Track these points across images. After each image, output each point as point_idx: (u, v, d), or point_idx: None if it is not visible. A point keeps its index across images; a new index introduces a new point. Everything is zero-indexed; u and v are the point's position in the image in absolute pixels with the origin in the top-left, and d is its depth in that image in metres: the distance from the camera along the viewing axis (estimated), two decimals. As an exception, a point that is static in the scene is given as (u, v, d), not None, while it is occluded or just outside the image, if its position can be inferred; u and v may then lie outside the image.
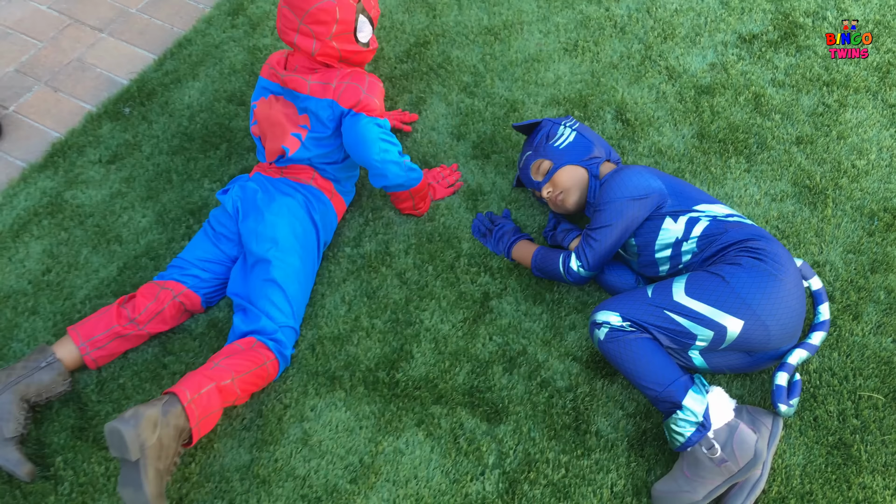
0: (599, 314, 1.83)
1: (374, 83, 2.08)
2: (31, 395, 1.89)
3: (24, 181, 2.43)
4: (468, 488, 1.86)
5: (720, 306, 1.76)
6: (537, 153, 2.13)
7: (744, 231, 1.88)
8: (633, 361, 1.78)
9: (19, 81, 2.71)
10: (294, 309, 2.00)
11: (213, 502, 1.85)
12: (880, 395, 1.95)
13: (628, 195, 1.92)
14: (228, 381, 1.79)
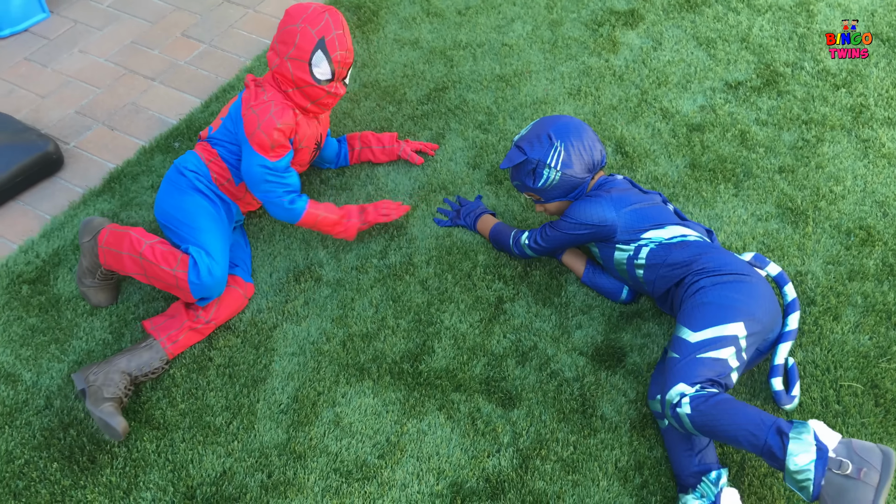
0: (672, 393, 1.83)
1: (273, 119, 2.20)
2: (133, 370, 2.14)
3: (83, 203, 2.70)
4: (485, 463, 2.05)
5: (720, 321, 1.92)
6: (525, 187, 2.30)
7: (687, 250, 2.10)
8: (730, 414, 1.75)
9: (79, 122, 3.02)
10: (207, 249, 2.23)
11: (254, 474, 2.04)
12: (859, 384, 2.15)
13: (583, 220, 2.20)
14: (135, 255, 2.18)
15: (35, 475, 2.05)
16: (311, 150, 2.43)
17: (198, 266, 2.16)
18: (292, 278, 2.46)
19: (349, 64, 2.29)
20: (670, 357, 1.93)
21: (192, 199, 2.27)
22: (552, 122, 2.27)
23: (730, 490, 1.86)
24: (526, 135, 2.29)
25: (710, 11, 3.33)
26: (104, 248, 2.24)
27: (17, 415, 2.17)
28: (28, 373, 2.26)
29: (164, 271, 2.17)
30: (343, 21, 2.27)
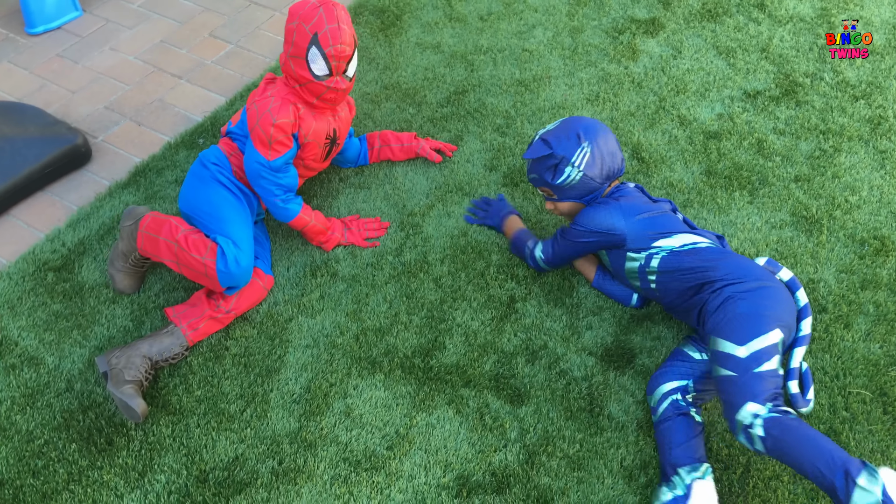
0: (744, 413, 1.82)
1: (270, 116, 2.24)
2: (154, 355, 2.20)
3: (109, 195, 2.78)
4: (492, 458, 2.08)
5: (762, 331, 1.91)
6: (542, 182, 2.31)
7: (699, 256, 2.11)
8: (802, 445, 1.74)
9: (108, 117, 3.10)
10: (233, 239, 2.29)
11: (265, 461, 2.09)
12: (868, 391, 2.16)
13: (592, 227, 2.21)
14: (172, 241, 2.24)
15: (54, 455, 2.11)
16: (320, 144, 2.44)
17: (226, 255, 2.22)
18: (309, 273, 2.51)
19: (345, 57, 2.27)
20: (723, 375, 1.91)
21: (215, 191, 2.33)
22: (582, 122, 2.27)
23: (702, 482, 1.88)
24: (553, 130, 2.28)
25: (730, 21, 3.35)
26: (144, 233, 2.31)
27: (38, 396, 2.23)
28: (50, 357, 2.32)
29: (195, 259, 2.23)
30: (338, 14, 2.24)
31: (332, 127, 2.47)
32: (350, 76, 2.34)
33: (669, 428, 2.00)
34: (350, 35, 2.27)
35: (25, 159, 2.74)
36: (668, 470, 1.95)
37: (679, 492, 1.89)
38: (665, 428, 2.01)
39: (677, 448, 1.96)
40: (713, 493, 1.89)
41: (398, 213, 2.67)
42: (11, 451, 2.12)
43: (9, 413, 2.20)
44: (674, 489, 1.91)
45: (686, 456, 1.95)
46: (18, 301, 2.46)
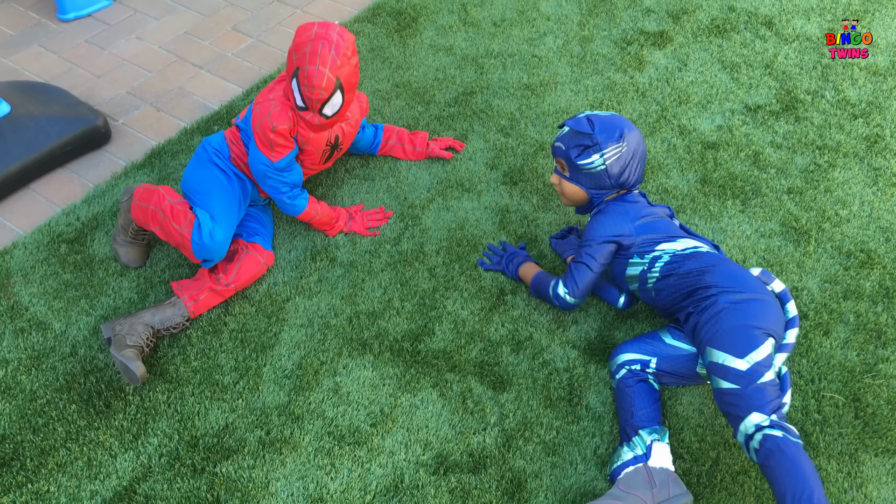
0: (748, 423, 1.90)
1: (269, 121, 2.30)
2: (156, 323, 2.31)
3: (125, 175, 2.90)
4: (470, 439, 2.16)
5: (758, 343, 1.97)
6: (564, 155, 2.32)
7: (699, 260, 2.16)
8: (787, 474, 1.81)
9: (129, 101, 3.23)
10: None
11: (254, 431, 2.18)
12: (842, 396, 2.21)
13: (603, 237, 2.25)
14: (159, 210, 2.36)
15: (54, 414, 2.22)
16: (319, 150, 2.48)
17: (201, 227, 2.31)
18: (309, 257, 2.61)
19: (319, 99, 2.28)
20: (725, 388, 1.97)
21: (209, 171, 2.44)
22: (630, 125, 2.30)
23: (661, 444, 1.99)
24: (602, 116, 2.30)
25: (738, 38, 3.42)
26: (136, 203, 2.42)
27: (43, 359, 2.35)
28: (58, 323, 2.44)
29: (174, 228, 2.34)
30: (323, 54, 2.24)
31: (335, 134, 2.52)
32: (328, 115, 2.34)
33: (632, 393, 2.10)
34: (329, 80, 2.25)
35: (48, 136, 2.87)
36: (629, 431, 2.05)
37: (639, 451, 2.00)
38: (627, 393, 2.10)
39: (639, 411, 2.06)
40: (669, 454, 2.01)
41: (399, 205, 2.77)
42: (14, 408, 2.23)
43: (14, 373, 2.31)
44: (634, 449, 2.01)
45: (648, 418, 2.05)
46: (32, 269, 2.58)
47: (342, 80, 2.29)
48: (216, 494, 2.05)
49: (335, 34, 2.27)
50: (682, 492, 1.95)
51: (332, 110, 2.34)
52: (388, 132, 2.88)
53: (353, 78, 2.34)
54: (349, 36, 2.30)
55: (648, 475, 1.96)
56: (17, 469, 2.11)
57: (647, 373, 2.14)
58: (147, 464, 2.11)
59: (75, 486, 2.08)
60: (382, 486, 2.07)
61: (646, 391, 2.11)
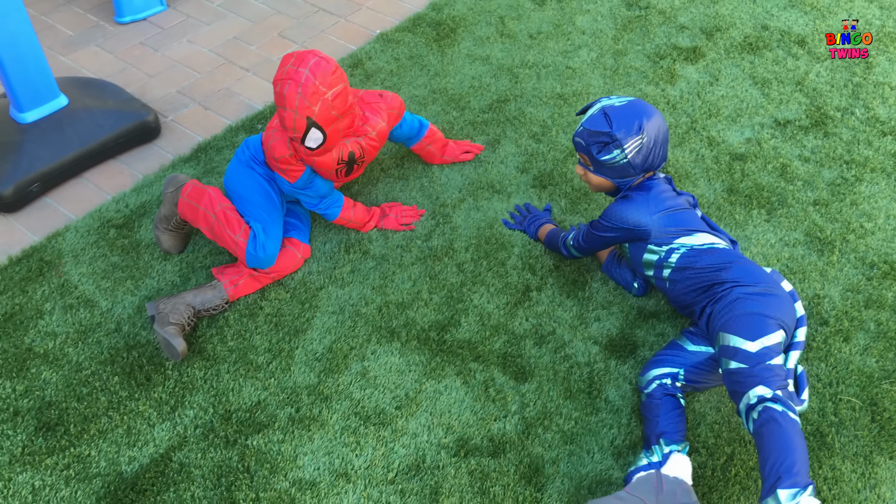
0: (751, 393, 1.95)
1: (271, 151, 2.42)
2: (197, 304, 2.43)
3: (172, 167, 3.04)
4: (491, 426, 2.23)
5: (769, 330, 2.04)
6: (585, 150, 2.32)
7: (715, 256, 2.23)
8: (778, 440, 1.86)
9: (178, 100, 3.39)
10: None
11: (284, 408, 2.28)
12: (859, 400, 2.25)
13: (619, 223, 2.32)
14: (210, 213, 2.48)
15: (98, 384, 2.34)
16: (329, 170, 2.48)
17: (256, 240, 2.46)
18: (343, 249, 2.72)
19: (295, 138, 2.33)
20: (733, 367, 2.02)
21: (250, 176, 2.55)
22: (648, 111, 2.27)
23: (681, 455, 2.00)
24: (619, 108, 2.27)
25: (770, 55, 3.48)
26: (185, 200, 2.55)
27: (90, 334, 2.48)
28: (105, 301, 2.57)
29: (228, 235, 2.47)
30: (292, 95, 2.23)
31: (349, 150, 2.49)
32: (312, 148, 2.35)
33: (658, 404, 2.13)
34: (298, 121, 2.26)
35: (102, 129, 3.03)
36: (651, 439, 2.08)
37: (655, 458, 2.02)
38: (654, 404, 2.14)
39: (663, 421, 2.09)
40: (689, 467, 2.00)
41: (431, 204, 2.87)
42: (61, 378, 2.36)
43: (62, 345, 2.45)
44: (650, 456, 2.04)
45: (672, 429, 2.07)
46: (82, 251, 2.72)
47: (314, 118, 2.27)
48: (247, 465, 2.15)
49: (306, 71, 2.23)
50: (689, 502, 1.93)
51: (314, 144, 2.34)
52: (432, 135, 2.92)
53: (335, 110, 2.31)
54: (325, 67, 2.25)
55: (658, 481, 1.97)
56: (61, 434, 2.23)
57: (676, 387, 2.18)
58: (183, 434, 2.22)
59: (115, 451, 2.19)
60: (405, 464, 2.15)
61: (672, 404, 2.14)
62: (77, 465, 2.16)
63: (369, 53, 3.57)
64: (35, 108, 2.96)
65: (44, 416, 2.27)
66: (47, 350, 2.43)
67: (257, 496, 2.09)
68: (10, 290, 2.60)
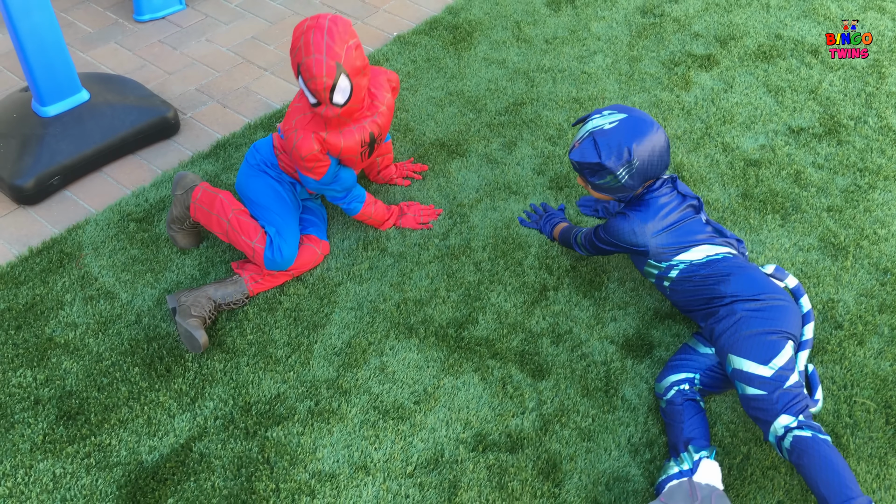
0: (777, 426, 1.99)
1: (297, 152, 2.37)
2: (218, 298, 2.46)
3: (191, 163, 3.07)
4: (509, 422, 2.25)
5: (780, 348, 2.07)
6: (581, 173, 2.34)
7: (712, 267, 2.24)
8: (820, 472, 1.89)
9: (197, 97, 3.42)
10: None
11: (304, 401, 2.30)
12: (873, 403, 2.27)
13: (617, 241, 2.34)
14: (223, 219, 2.50)
15: (118, 375, 2.36)
16: (355, 154, 2.49)
17: (272, 245, 2.48)
18: (361, 246, 2.74)
19: (324, 88, 2.23)
20: (752, 394, 2.04)
21: (262, 181, 2.57)
22: (639, 132, 2.22)
23: (710, 461, 2.01)
24: (609, 132, 2.23)
25: (783, 64, 3.52)
26: (196, 205, 2.57)
27: (110, 325, 2.50)
28: (124, 293, 2.59)
29: (244, 241, 2.49)
30: (316, 41, 2.20)
31: (369, 131, 2.49)
32: (340, 103, 2.29)
33: (682, 410, 2.14)
34: (329, 66, 2.20)
35: (123, 123, 3.06)
36: (679, 446, 2.09)
37: (686, 466, 2.03)
38: (677, 410, 2.15)
39: (689, 427, 2.10)
40: (719, 473, 2.01)
41: (448, 203, 2.89)
42: (82, 368, 2.38)
43: (83, 336, 2.46)
44: (680, 464, 2.04)
45: (699, 434, 2.09)
46: (102, 244, 2.75)
47: (343, 63, 2.22)
48: (266, 456, 2.17)
49: (326, 21, 2.23)
50: None
51: (342, 97, 2.27)
52: (387, 149, 2.89)
53: (357, 61, 2.27)
54: (343, 20, 2.26)
55: (691, 489, 1.97)
56: (82, 422, 2.25)
57: (695, 391, 2.20)
58: (203, 425, 2.24)
59: (135, 441, 2.21)
60: (423, 458, 2.17)
61: (695, 409, 2.16)
62: (97, 454, 2.18)
63: (386, 55, 3.60)
64: (57, 102, 2.99)
65: (64, 405, 2.29)
66: (68, 340, 2.45)
67: (277, 487, 2.10)
68: (31, 281, 2.62)
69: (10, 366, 2.38)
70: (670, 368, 2.25)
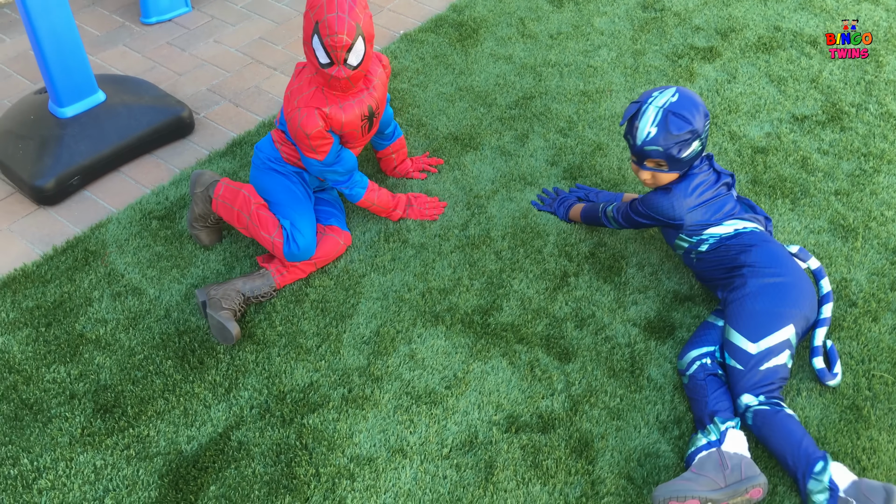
0: (740, 402, 2.15)
1: (301, 131, 2.40)
2: (246, 291, 2.49)
3: (208, 161, 3.10)
4: (539, 403, 2.30)
5: (775, 329, 2.17)
6: (666, 155, 2.29)
7: (740, 239, 2.35)
8: (779, 438, 2.07)
9: (210, 97, 3.46)
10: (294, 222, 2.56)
11: (337, 388, 2.34)
12: (890, 376, 2.34)
13: (655, 214, 2.42)
14: (245, 214, 2.55)
15: (152, 368, 2.39)
16: (357, 128, 2.53)
17: (289, 239, 2.52)
18: (382, 239, 2.79)
19: (343, 46, 2.28)
20: (731, 365, 2.21)
21: (270, 178, 2.61)
22: (696, 100, 2.31)
23: (736, 431, 2.08)
24: (680, 102, 2.28)
25: (784, 54, 3.60)
26: (219, 200, 2.61)
27: (140, 320, 2.53)
28: (152, 289, 2.62)
29: (264, 236, 2.54)
30: (343, 2, 2.26)
31: (367, 104, 2.52)
32: (353, 65, 2.34)
33: (705, 385, 2.21)
34: (350, 25, 2.26)
35: (139, 123, 3.09)
36: (704, 420, 2.15)
37: (713, 437, 2.09)
38: (700, 385, 2.21)
39: (713, 400, 2.17)
40: (745, 442, 2.08)
41: (465, 195, 2.95)
42: (115, 362, 2.41)
43: (114, 331, 2.49)
44: (708, 435, 2.11)
45: (723, 407, 2.15)
46: (126, 242, 2.77)
47: (362, 26, 2.30)
48: (304, 442, 2.20)
49: None
50: (755, 473, 1.99)
51: (356, 59, 2.33)
52: (401, 144, 2.96)
53: (371, 28, 2.36)
54: None
55: (721, 458, 2.03)
56: (119, 415, 2.28)
57: (715, 364, 2.26)
58: (239, 414, 2.28)
59: (173, 431, 2.24)
60: (458, 440, 2.21)
61: (718, 383, 2.22)
62: (137, 445, 2.21)
63: (395, 53, 3.65)
64: (74, 104, 3.01)
65: (100, 399, 2.32)
66: (99, 336, 2.48)
67: (317, 471, 2.14)
68: (58, 279, 2.64)
69: (44, 362, 2.40)
70: (691, 344, 2.32)
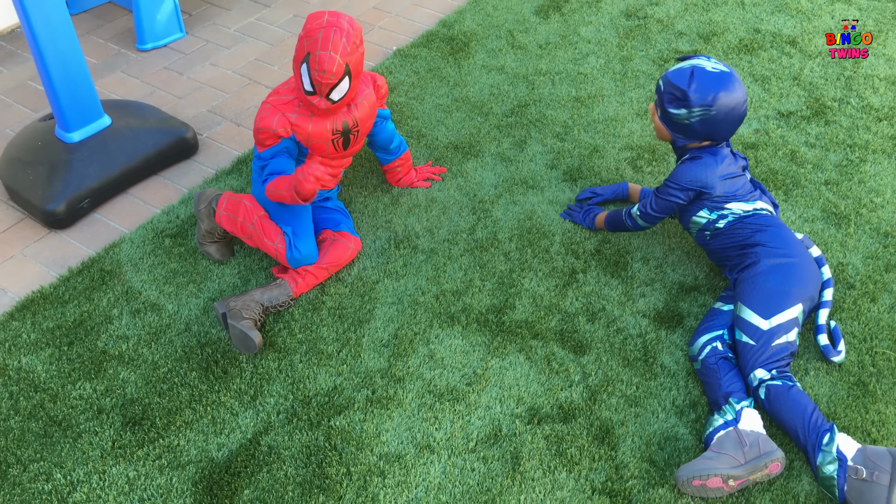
0: (752, 377, 2.23)
1: (257, 120, 2.51)
2: (265, 301, 2.55)
3: (216, 180, 3.16)
4: (559, 395, 2.37)
5: (786, 307, 2.28)
6: (659, 95, 2.48)
7: (755, 219, 2.46)
8: (790, 412, 2.15)
9: (211, 118, 3.52)
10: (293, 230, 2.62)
11: (360, 391, 2.39)
12: (893, 352, 2.44)
13: (686, 184, 2.50)
14: (248, 224, 2.62)
15: (177, 380, 2.43)
16: (325, 141, 2.57)
17: (290, 245, 2.60)
18: (393, 245, 2.85)
19: (328, 84, 2.39)
20: (744, 342, 2.29)
21: None
22: (731, 88, 2.35)
23: (751, 410, 2.17)
24: (707, 73, 2.36)
25: (765, 55, 3.74)
26: (222, 213, 2.67)
27: (161, 335, 2.57)
28: (170, 304, 2.67)
29: (267, 244, 2.61)
30: (335, 40, 2.35)
31: (342, 120, 2.56)
32: (335, 100, 2.45)
33: (717, 368, 2.29)
34: (339, 65, 2.36)
35: (145, 145, 3.14)
36: (720, 401, 2.23)
37: (729, 416, 2.17)
38: (712, 369, 2.30)
39: (726, 381, 2.25)
40: (760, 420, 2.16)
41: (470, 201, 3.03)
42: (140, 376, 2.45)
43: (136, 346, 2.53)
44: (724, 415, 2.18)
45: (736, 388, 2.23)
46: (140, 260, 2.82)
47: (351, 66, 2.40)
48: (333, 443, 2.25)
49: (345, 23, 2.40)
50: (772, 449, 2.07)
51: (339, 95, 2.44)
52: (406, 158, 3.03)
53: (360, 66, 2.47)
54: (357, 25, 2.44)
55: (739, 436, 2.11)
56: (148, 427, 2.32)
57: (725, 347, 2.34)
58: (267, 419, 2.32)
59: (203, 440, 2.28)
60: (483, 434, 2.28)
61: (729, 366, 2.30)
62: (168, 455, 2.25)
63: (389, 68, 3.74)
64: (82, 128, 3.06)
65: (128, 412, 2.35)
66: (122, 352, 2.52)
67: (348, 470, 2.19)
68: (76, 299, 2.68)
69: (69, 379, 2.44)
70: (700, 330, 2.41)
